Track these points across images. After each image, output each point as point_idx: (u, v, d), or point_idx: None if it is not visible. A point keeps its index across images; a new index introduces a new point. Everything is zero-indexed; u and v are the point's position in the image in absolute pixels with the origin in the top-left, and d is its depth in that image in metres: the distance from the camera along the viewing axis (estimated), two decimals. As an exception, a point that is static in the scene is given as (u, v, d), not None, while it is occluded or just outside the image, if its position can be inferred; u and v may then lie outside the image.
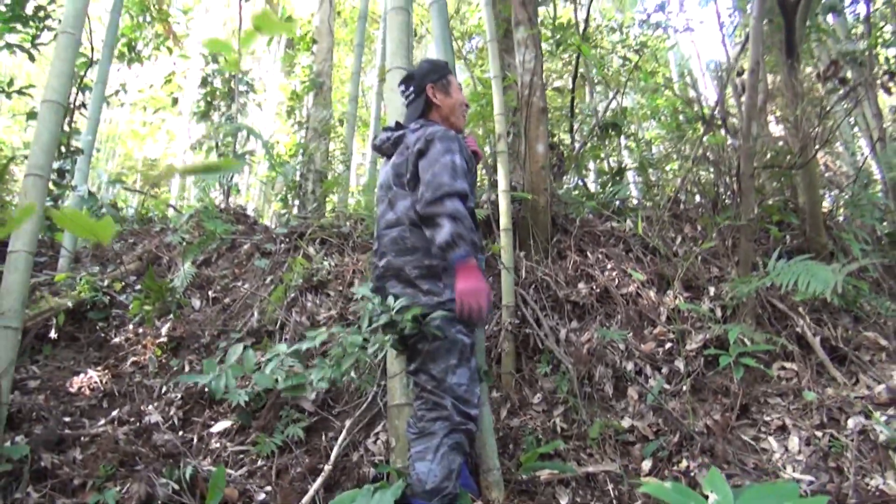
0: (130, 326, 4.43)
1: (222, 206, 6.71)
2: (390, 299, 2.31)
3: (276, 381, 2.31)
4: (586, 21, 7.84)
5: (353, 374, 2.22)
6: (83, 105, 6.33)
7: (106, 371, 3.98)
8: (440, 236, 2.26)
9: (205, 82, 7.50)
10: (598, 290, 4.31)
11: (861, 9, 7.71)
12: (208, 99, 7.55)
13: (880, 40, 7.16)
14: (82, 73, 6.44)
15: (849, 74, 5.74)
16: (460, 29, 9.89)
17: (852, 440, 2.97)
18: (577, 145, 7.06)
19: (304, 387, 2.26)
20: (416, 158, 2.43)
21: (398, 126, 2.71)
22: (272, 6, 10.38)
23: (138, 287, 4.40)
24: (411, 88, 2.72)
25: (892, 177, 5.70)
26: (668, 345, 3.89)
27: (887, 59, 6.89)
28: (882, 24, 7.94)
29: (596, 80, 8.87)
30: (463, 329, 2.38)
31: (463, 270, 2.26)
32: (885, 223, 5.42)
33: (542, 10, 8.02)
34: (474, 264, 2.27)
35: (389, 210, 2.52)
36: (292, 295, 4.42)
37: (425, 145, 2.41)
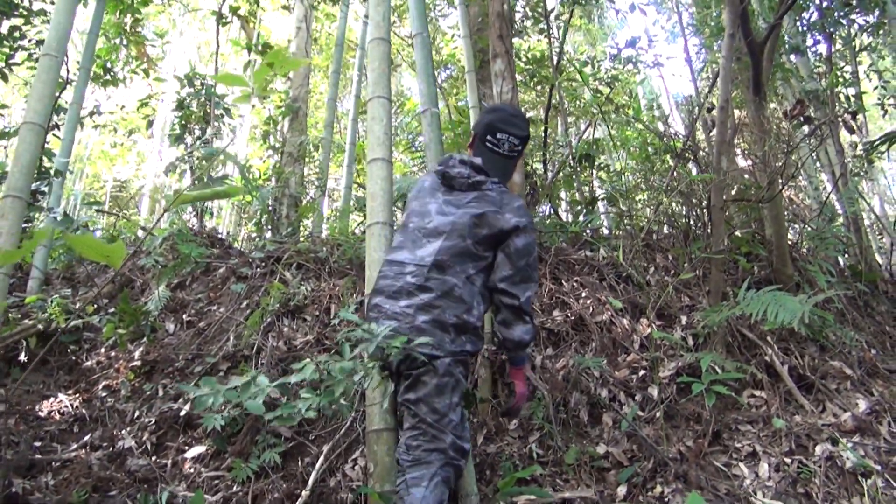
0: (102, 350, 4.37)
1: (196, 229, 6.67)
2: (374, 325, 2.32)
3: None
4: (560, 54, 8.05)
5: (342, 401, 2.21)
6: (56, 126, 6.28)
7: (77, 395, 3.91)
8: (521, 332, 2.51)
9: (180, 105, 7.48)
10: (572, 318, 4.38)
11: (822, 49, 8.05)
12: (183, 122, 7.53)
13: (841, 80, 7.47)
14: (57, 94, 6.40)
15: (813, 113, 5.97)
16: (436, 59, 10.03)
17: (820, 466, 3.05)
18: (549, 175, 7.20)
19: (292, 416, 2.25)
20: (508, 230, 2.49)
21: (476, 168, 2.65)
22: (248, 31, 10.42)
23: (111, 310, 4.35)
24: (520, 148, 2.74)
25: (853, 211, 5.92)
26: (642, 372, 3.96)
27: (847, 98, 7.19)
28: (842, 64, 8.28)
29: (568, 112, 9.07)
30: (464, 371, 2.46)
31: (522, 372, 2.63)
32: (847, 256, 5.62)
33: (515, 41, 8.21)
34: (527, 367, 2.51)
35: (450, 253, 2.48)
36: (269, 319, 4.40)
37: (524, 225, 2.51)
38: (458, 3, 6.26)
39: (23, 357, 4.11)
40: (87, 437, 3.50)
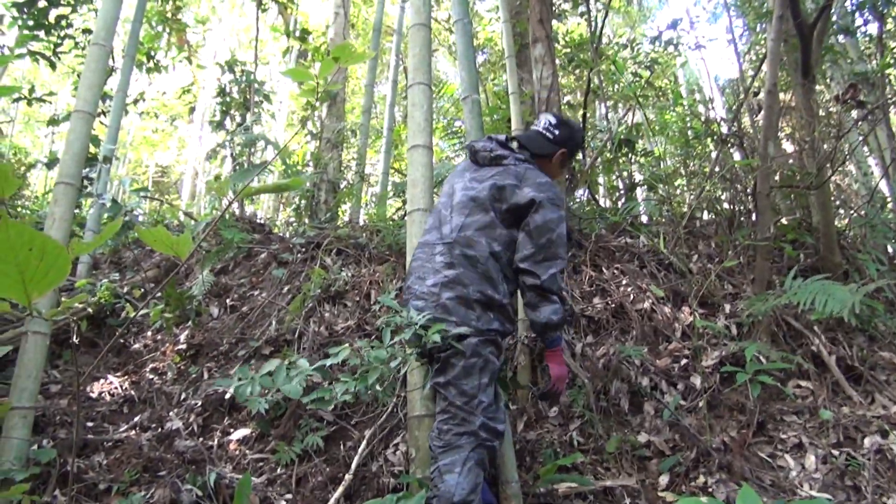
0: (149, 333, 4.48)
1: (237, 214, 6.77)
2: (413, 312, 2.34)
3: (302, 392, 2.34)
4: (599, 37, 7.93)
5: (378, 386, 2.23)
6: (102, 113, 6.41)
7: (126, 377, 4.02)
8: (549, 313, 2.42)
9: (221, 92, 7.57)
10: (613, 306, 4.34)
11: (872, 29, 7.79)
12: (224, 109, 7.62)
13: (892, 61, 7.23)
14: (104, 82, 6.52)
15: (864, 96, 5.79)
16: (474, 43, 9.97)
17: (869, 459, 2.99)
18: (588, 160, 7.12)
19: (329, 400, 2.29)
20: (526, 204, 2.46)
21: (502, 144, 2.71)
22: (286, 18, 10.48)
23: (158, 294, 4.45)
24: (556, 133, 2.76)
25: (905, 197, 5.74)
26: (684, 361, 3.91)
27: (899, 81, 6.96)
28: (893, 45, 8.01)
29: (608, 96, 8.94)
30: (495, 351, 2.43)
31: (558, 355, 2.52)
32: (897, 243, 5.46)
33: (554, 24, 8.11)
34: (563, 349, 2.43)
35: (473, 228, 2.48)
36: (310, 305, 4.46)
37: (544, 201, 2.45)
38: (497, -13, 6.20)
39: (74, 339, 4.23)
40: (136, 419, 3.60)
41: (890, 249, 5.05)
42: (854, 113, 5.03)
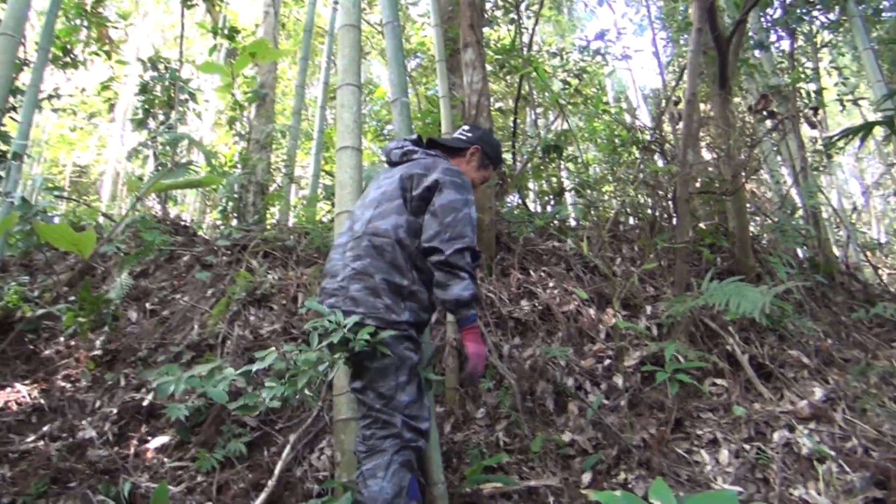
0: (62, 339, 4.27)
1: (159, 215, 6.55)
2: (339, 314, 2.30)
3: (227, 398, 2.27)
4: (529, 45, 8.07)
5: (306, 391, 2.18)
6: (13, 108, 6.09)
7: (35, 385, 3.82)
8: (458, 290, 2.30)
9: (144, 89, 7.31)
10: (540, 308, 4.42)
11: (785, 45, 8.21)
12: (147, 107, 7.36)
13: (803, 76, 7.63)
14: (13, 75, 6.20)
15: (776, 108, 6.09)
16: (406, 47, 9.98)
17: (777, 453, 3.14)
18: (518, 165, 7.23)
19: (255, 406, 2.22)
20: (430, 186, 2.44)
21: (414, 142, 2.75)
22: (214, 15, 10.22)
23: (71, 298, 4.25)
24: (469, 134, 2.83)
25: (812, 204, 6.07)
26: (607, 361, 4.02)
27: (808, 94, 7.35)
28: (804, 60, 8.46)
29: (537, 102, 9.10)
30: (411, 346, 2.39)
31: (473, 332, 2.38)
32: (805, 248, 5.76)
33: (485, 30, 8.20)
34: (479, 326, 2.38)
35: (381, 218, 2.46)
36: (234, 308, 4.35)
37: (447, 182, 2.44)
38: (428, -9, 6.23)
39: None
40: (46, 428, 3.42)
41: (799, 253, 5.31)
42: (768, 123, 5.29)
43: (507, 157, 7.55)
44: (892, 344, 4.62)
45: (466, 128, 2.88)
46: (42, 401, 3.69)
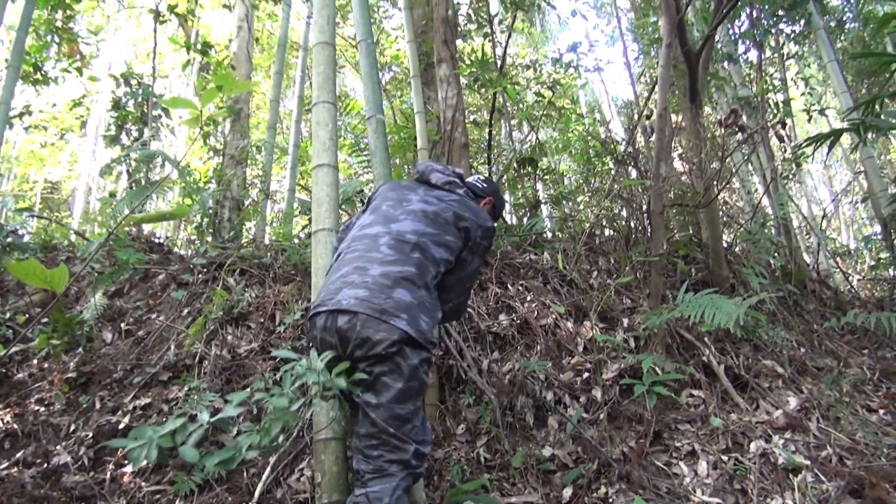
0: (35, 361, 4.20)
1: (133, 233, 6.47)
2: (314, 354, 2.16)
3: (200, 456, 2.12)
4: (503, 58, 8.13)
5: (280, 438, 2.07)
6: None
7: (8, 409, 3.75)
8: (454, 316, 2.72)
9: (117, 105, 7.24)
10: (518, 322, 4.43)
11: (753, 56, 8.39)
12: (119, 123, 7.29)
13: (770, 86, 7.80)
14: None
15: (745, 120, 6.20)
16: (380, 61, 9.99)
17: (755, 463, 3.18)
18: (494, 178, 7.27)
19: (233, 458, 2.11)
20: (479, 242, 2.60)
21: (455, 174, 2.84)
22: (186, 30, 10.15)
23: (44, 320, 4.18)
24: (485, 186, 2.95)
25: (783, 215, 6.18)
26: (586, 374, 4.04)
27: (776, 105, 7.50)
28: (771, 71, 8.64)
29: (512, 115, 9.16)
30: (427, 370, 2.30)
31: None
32: (777, 257, 5.86)
33: (459, 43, 8.25)
34: None
35: (433, 242, 2.44)
36: (211, 327, 4.31)
37: (481, 248, 2.64)
38: (402, 7, 6.25)
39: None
40: (19, 454, 3.36)
41: (772, 263, 5.40)
42: (739, 135, 5.38)
43: (483, 169, 7.60)
44: (863, 351, 4.71)
45: (482, 178, 2.97)
46: (15, 426, 3.62)
